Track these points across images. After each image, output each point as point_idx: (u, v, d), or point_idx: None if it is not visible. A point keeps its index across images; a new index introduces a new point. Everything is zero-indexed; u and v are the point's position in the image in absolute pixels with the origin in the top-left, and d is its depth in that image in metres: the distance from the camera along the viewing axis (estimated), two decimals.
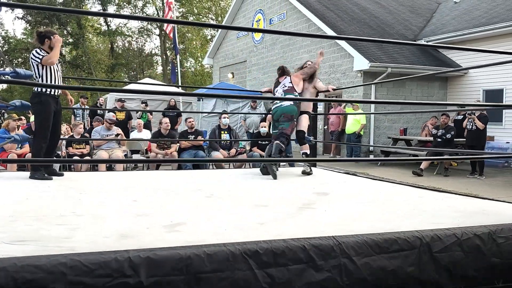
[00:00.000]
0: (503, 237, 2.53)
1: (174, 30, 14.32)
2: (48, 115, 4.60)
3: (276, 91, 5.64)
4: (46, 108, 4.57)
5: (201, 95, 3.68)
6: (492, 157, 10.21)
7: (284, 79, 5.61)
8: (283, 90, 5.52)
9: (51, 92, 4.59)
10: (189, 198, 3.70)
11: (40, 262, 1.78)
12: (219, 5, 35.15)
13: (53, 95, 4.65)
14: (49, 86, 4.62)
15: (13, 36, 31.99)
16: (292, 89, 5.51)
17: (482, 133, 9.19)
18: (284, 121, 5.36)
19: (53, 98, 4.64)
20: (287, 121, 5.36)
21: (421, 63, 12.58)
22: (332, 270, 2.17)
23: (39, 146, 4.60)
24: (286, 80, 5.59)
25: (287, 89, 5.52)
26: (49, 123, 4.62)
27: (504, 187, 8.06)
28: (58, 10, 3.71)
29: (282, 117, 5.36)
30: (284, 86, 5.55)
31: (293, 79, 5.59)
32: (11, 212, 2.86)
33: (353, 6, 15.82)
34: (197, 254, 1.98)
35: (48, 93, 4.58)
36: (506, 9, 12.52)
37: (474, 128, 9.15)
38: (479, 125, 9.00)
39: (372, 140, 12.59)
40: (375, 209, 3.29)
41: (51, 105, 4.61)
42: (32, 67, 4.61)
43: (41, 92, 4.56)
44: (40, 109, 4.57)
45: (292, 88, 5.52)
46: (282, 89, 5.53)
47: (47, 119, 4.60)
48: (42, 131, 4.61)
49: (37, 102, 4.56)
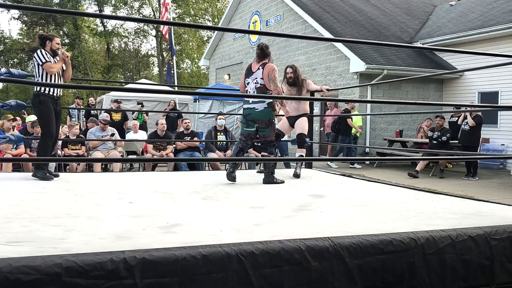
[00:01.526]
0: (497, 239, 2.54)
1: (170, 31, 14.32)
2: (49, 113, 4.71)
3: (246, 82, 4.97)
4: (45, 108, 4.69)
5: (197, 93, 3.66)
6: (487, 158, 10.26)
7: (257, 71, 4.88)
8: (255, 87, 4.88)
9: (50, 92, 4.72)
10: (185, 199, 3.70)
11: (35, 263, 1.78)
12: (215, 7, 35.16)
13: (53, 95, 4.76)
14: (44, 84, 4.69)
15: (8, 36, 31.91)
16: (264, 88, 4.87)
17: (476, 134, 9.24)
18: (263, 127, 4.90)
19: (52, 98, 4.76)
20: (266, 127, 4.90)
21: (417, 65, 12.62)
22: (328, 271, 2.17)
23: (45, 144, 4.70)
24: (259, 74, 4.86)
25: (260, 87, 4.87)
26: (51, 120, 4.73)
27: (499, 189, 8.09)
28: (54, 11, 3.73)
29: (260, 123, 4.89)
30: (256, 81, 4.87)
31: (265, 73, 4.83)
32: (6, 213, 2.85)
33: (350, 8, 15.86)
34: (192, 255, 1.98)
35: (47, 94, 4.70)
36: (502, 11, 12.58)
37: (468, 128, 9.20)
38: (470, 122, 9.04)
39: (368, 141, 12.62)
40: (371, 211, 3.30)
41: (50, 104, 4.73)
42: (34, 66, 4.80)
43: (40, 92, 4.70)
44: (40, 108, 4.71)
45: (264, 87, 4.87)
46: (254, 85, 4.88)
47: (49, 116, 4.72)
48: (47, 128, 4.72)
49: (37, 102, 4.70)
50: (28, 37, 30.41)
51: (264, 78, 4.80)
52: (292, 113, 5.74)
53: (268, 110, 4.85)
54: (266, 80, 4.80)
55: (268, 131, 4.91)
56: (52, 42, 4.84)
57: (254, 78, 4.86)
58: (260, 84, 4.84)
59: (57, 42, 4.87)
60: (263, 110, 4.82)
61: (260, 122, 4.88)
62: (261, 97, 4.64)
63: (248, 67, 5.01)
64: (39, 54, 4.71)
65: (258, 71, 4.86)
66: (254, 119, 4.88)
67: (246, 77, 4.95)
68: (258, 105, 4.83)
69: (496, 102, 11.60)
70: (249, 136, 5.02)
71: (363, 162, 11.34)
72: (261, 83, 4.84)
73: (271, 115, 4.90)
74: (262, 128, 4.91)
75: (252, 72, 4.91)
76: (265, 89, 4.84)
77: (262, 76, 4.81)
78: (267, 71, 4.80)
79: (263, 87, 4.84)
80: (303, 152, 5.64)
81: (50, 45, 4.82)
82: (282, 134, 5.88)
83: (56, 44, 4.85)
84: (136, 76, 36.09)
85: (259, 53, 4.93)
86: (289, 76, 5.66)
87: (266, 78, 4.79)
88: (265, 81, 4.80)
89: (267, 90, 4.84)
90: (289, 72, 5.68)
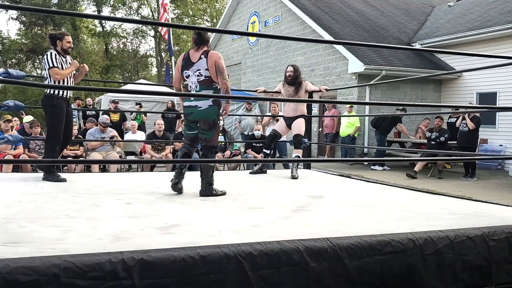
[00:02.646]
0: (496, 239, 2.55)
1: (169, 32, 14.31)
2: (61, 118, 4.69)
3: (186, 75, 4.11)
4: (59, 110, 4.65)
5: (196, 95, 3.64)
6: (485, 158, 10.28)
7: (199, 60, 4.03)
8: (197, 81, 4.05)
9: (63, 94, 4.68)
10: (183, 200, 3.69)
11: (34, 263, 1.77)
12: (214, 7, 35.17)
13: (65, 97, 4.73)
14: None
15: (7, 36, 31.85)
16: (209, 81, 4.05)
17: (474, 135, 9.25)
18: (205, 129, 4.07)
19: (64, 100, 4.72)
20: (209, 129, 4.07)
21: (416, 66, 12.64)
22: (326, 272, 2.18)
23: (53, 148, 4.67)
24: (202, 64, 4.02)
25: (203, 80, 4.04)
26: (62, 125, 4.71)
27: (497, 190, 8.10)
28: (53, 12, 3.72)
29: (202, 123, 4.07)
30: (198, 73, 4.03)
31: (209, 63, 4.00)
32: (4, 213, 2.84)
33: (348, 9, 15.88)
34: (191, 256, 1.98)
35: (60, 96, 4.66)
36: (500, 12, 12.61)
37: (466, 129, 9.21)
38: (470, 125, 9.06)
39: (367, 142, 12.63)
40: (369, 211, 3.30)
41: (64, 107, 4.70)
42: (44, 68, 4.76)
43: (53, 94, 4.64)
44: (53, 111, 4.65)
45: (209, 80, 4.04)
46: (196, 78, 4.05)
47: (60, 121, 4.69)
48: (55, 133, 4.69)
49: (50, 105, 4.64)
50: (27, 38, 30.37)
51: (210, 69, 4.00)
52: (290, 114, 5.75)
53: (213, 109, 4.04)
54: (212, 72, 4.01)
55: (211, 134, 4.09)
56: (63, 41, 4.77)
57: (196, 69, 4.03)
58: (205, 76, 4.02)
59: (68, 41, 4.80)
60: (207, 109, 4.02)
61: (202, 123, 4.07)
62: (256, 99, 4.55)
63: (186, 57, 4.14)
64: (48, 57, 4.63)
65: (200, 61, 4.03)
66: (196, 120, 4.09)
67: (184, 69, 4.11)
68: (202, 103, 4.01)
69: (494, 103, 11.62)
70: (194, 139, 4.23)
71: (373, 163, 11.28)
72: (205, 75, 4.02)
73: (216, 116, 4.09)
74: (204, 130, 4.08)
75: (192, 63, 4.06)
76: (210, 82, 4.05)
77: (206, 66, 4.00)
78: (213, 60, 4.00)
79: (209, 80, 4.04)
80: (299, 153, 5.64)
81: (60, 44, 4.76)
82: (279, 135, 5.88)
83: (67, 43, 4.77)
84: (134, 76, 36.05)
85: (196, 39, 4.08)
86: (289, 74, 5.66)
87: (213, 69, 4.00)
88: (211, 72, 4.01)
89: (213, 83, 4.07)
90: (290, 70, 5.68)
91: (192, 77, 4.05)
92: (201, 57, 4.02)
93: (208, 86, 4.04)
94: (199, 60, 4.03)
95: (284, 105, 5.49)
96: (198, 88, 4.03)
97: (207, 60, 4.00)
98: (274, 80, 16.01)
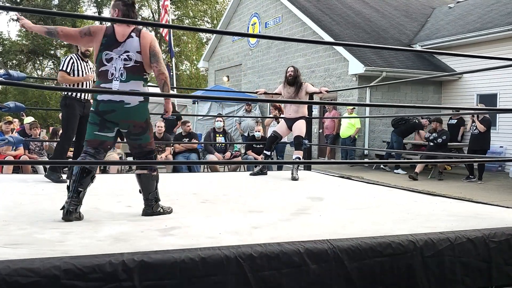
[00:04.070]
0: (496, 241, 2.54)
1: (169, 33, 14.32)
2: (72, 118, 4.71)
3: (108, 58, 3.03)
4: (71, 111, 4.70)
5: (196, 97, 3.63)
6: (485, 161, 10.25)
7: (129, 39, 3.04)
8: (124, 67, 3.02)
9: (77, 96, 4.73)
10: (183, 201, 3.69)
11: (34, 265, 1.77)
12: (214, 8, 35.18)
13: (79, 99, 4.75)
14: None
15: (7, 38, 31.87)
16: (140, 68, 3.07)
17: (485, 137, 9.13)
18: (139, 133, 3.10)
19: (79, 102, 4.75)
20: (143, 132, 3.11)
21: (416, 67, 12.63)
22: (327, 273, 2.17)
23: (62, 148, 4.73)
24: (132, 45, 3.04)
25: (133, 67, 3.04)
26: (73, 126, 4.74)
27: (498, 191, 8.09)
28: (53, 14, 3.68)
29: (132, 126, 3.06)
30: (126, 56, 3.03)
31: (143, 44, 3.05)
32: (5, 215, 2.84)
33: (348, 11, 15.88)
34: (191, 258, 1.98)
35: (74, 97, 4.71)
36: (500, 14, 12.61)
37: (477, 132, 9.15)
38: (480, 127, 9.00)
39: (367, 143, 12.62)
40: (370, 213, 3.30)
41: (76, 108, 4.73)
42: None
43: (66, 95, 4.73)
44: (65, 112, 4.74)
45: (141, 66, 3.06)
46: (123, 64, 3.02)
47: (70, 122, 4.72)
48: (65, 132, 4.76)
49: (63, 105, 4.74)
50: (27, 39, 30.39)
51: (143, 53, 3.04)
52: (291, 115, 5.75)
53: (145, 106, 3.12)
54: (145, 57, 3.05)
55: (147, 137, 3.15)
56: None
57: (124, 51, 3.03)
58: (135, 61, 3.04)
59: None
60: (137, 106, 3.04)
61: (132, 126, 3.07)
62: (256, 100, 4.55)
63: (109, 34, 3.05)
64: (64, 60, 4.75)
65: (130, 39, 3.04)
66: (120, 120, 3.05)
67: (106, 49, 3.03)
68: (130, 98, 3.01)
69: (495, 105, 11.61)
70: (103, 145, 3.10)
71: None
72: (136, 60, 3.04)
73: (148, 114, 3.18)
74: (136, 135, 3.11)
75: (118, 42, 3.04)
76: (142, 70, 3.08)
77: (139, 49, 3.04)
78: (147, 41, 3.07)
79: (140, 66, 3.06)
80: (300, 155, 5.64)
81: (80, 48, 4.83)
82: (280, 137, 5.88)
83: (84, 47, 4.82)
84: None
85: (124, 10, 3.12)
86: (289, 74, 5.68)
87: (146, 53, 3.05)
88: (144, 57, 3.05)
89: (145, 72, 3.10)
90: (290, 70, 5.71)
91: (117, 61, 3.02)
92: (131, 35, 3.05)
93: (139, 76, 3.06)
94: (128, 39, 3.04)
95: (285, 107, 5.50)
96: (124, 78, 3.01)
97: (140, 40, 3.05)
98: (275, 82, 16.01)
